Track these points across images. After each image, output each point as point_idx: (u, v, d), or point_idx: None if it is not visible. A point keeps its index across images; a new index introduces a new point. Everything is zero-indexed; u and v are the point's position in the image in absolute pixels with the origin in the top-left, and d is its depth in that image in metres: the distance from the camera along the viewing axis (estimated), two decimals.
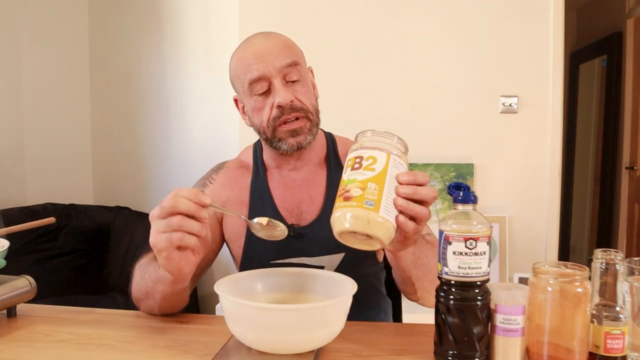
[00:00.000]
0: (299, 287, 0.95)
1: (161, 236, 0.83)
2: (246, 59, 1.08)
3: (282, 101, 1.06)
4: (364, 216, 0.75)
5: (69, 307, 1.10)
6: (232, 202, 1.18)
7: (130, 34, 3.18)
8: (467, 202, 0.81)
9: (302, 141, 1.10)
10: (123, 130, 3.29)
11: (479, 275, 0.79)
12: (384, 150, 0.80)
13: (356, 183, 0.77)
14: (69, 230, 2.85)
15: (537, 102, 2.50)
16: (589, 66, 4.41)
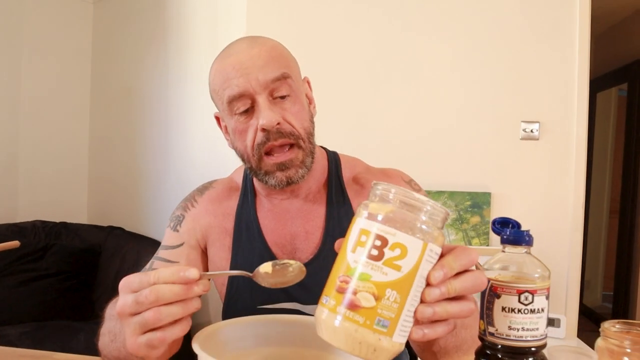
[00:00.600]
0: (301, 340, 0.77)
1: (139, 341, 0.63)
2: (225, 71, 0.89)
3: (266, 123, 0.86)
4: (371, 343, 0.54)
5: (26, 351, 0.92)
6: (215, 229, 1.00)
7: (134, 46, 3.08)
8: (520, 242, 0.64)
9: (292, 175, 0.91)
10: (122, 146, 3.17)
11: (535, 339, 0.62)
12: (420, 238, 0.54)
13: (369, 285, 0.53)
14: (57, 250, 2.70)
15: (560, 129, 2.34)
16: (606, 95, 4.28)
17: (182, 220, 1.01)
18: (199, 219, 1.00)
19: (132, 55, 3.09)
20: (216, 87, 0.92)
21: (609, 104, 4.31)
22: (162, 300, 0.62)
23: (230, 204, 1.02)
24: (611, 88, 4.18)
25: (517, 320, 0.61)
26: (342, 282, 0.55)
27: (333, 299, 0.55)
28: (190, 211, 1.02)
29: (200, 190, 1.06)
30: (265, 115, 0.86)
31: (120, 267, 2.68)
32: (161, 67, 2.91)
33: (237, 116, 0.90)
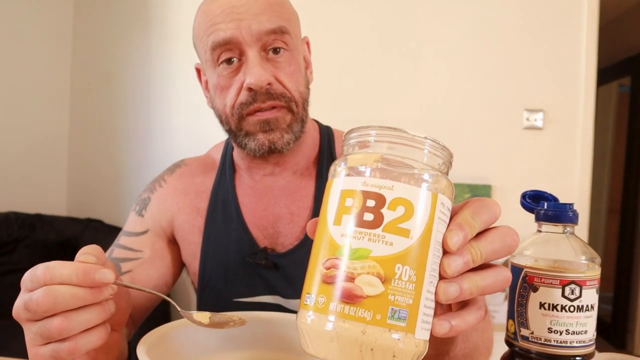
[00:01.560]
0: (279, 342, 0.62)
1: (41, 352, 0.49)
2: (212, 13, 0.74)
3: (254, 82, 0.72)
4: (388, 347, 0.37)
5: None
6: (185, 210, 0.86)
7: (116, 31, 2.99)
8: (562, 220, 0.49)
9: (276, 140, 0.76)
10: (103, 135, 3.08)
11: (582, 345, 0.47)
12: (426, 188, 0.39)
13: (371, 264, 0.37)
14: (30, 243, 2.56)
15: (565, 119, 2.23)
16: (606, 90, 4.18)
17: (147, 204, 0.87)
18: (165, 201, 0.87)
19: (114, 41, 2.98)
20: (200, 33, 0.77)
21: (608, 100, 4.21)
22: (59, 307, 0.47)
23: (206, 180, 0.88)
24: (612, 82, 4.07)
25: (561, 320, 0.46)
26: (328, 269, 0.38)
27: (320, 295, 0.37)
28: (157, 192, 0.88)
29: (170, 169, 0.93)
30: (255, 73, 0.72)
31: None
32: (144, 53, 2.81)
33: (220, 68, 0.75)
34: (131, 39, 2.88)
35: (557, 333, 0.47)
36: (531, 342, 0.48)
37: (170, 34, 2.67)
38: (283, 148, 0.77)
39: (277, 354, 0.62)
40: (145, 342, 0.52)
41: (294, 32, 0.78)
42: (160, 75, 2.72)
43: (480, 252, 0.41)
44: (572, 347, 0.47)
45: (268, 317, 0.63)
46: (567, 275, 0.46)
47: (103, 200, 3.03)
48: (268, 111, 0.75)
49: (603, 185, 4.22)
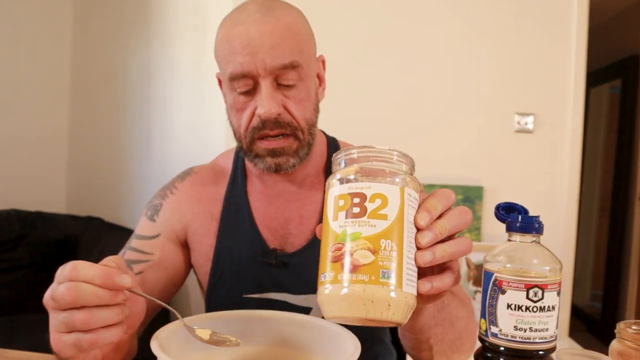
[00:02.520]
0: (279, 337, 0.68)
1: (65, 340, 0.56)
2: (231, 41, 0.80)
3: (264, 113, 0.80)
4: (383, 298, 0.49)
5: None
6: (199, 216, 0.92)
7: (116, 31, 3.01)
8: (528, 230, 0.56)
9: (283, 163, 0.84)
10: (102, 133, 3.11)
11: (544, 340, 0.54)
12: (394, 183, 0.53)
13: (363, 242, 0.50)
14: (32, 241, 2.61)
15: (555, 122, 2.29)
16: (599, 91, 4.23)
17: (159, 209, 0.93)
18: (179, 207, 0.92)
19: (114, 40, 3.01)
20: (220, 54, 0.84)
21: (600, 101, 4.27)
22: (82, 302, 0.54)
23: (218, 188, 0.94)
24: (604, 84, 4.13)
25: (525, 319, 0.53)
26: (335, 251, 0.51)
27: (332, 271, 0.51)
28: (168, 199, 0.94)
29: (180, 177, 0.98)
30: (265, 104, 0.79)
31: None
32: (143, 52, 2.83)
33: (236, 93, 0.82)
34: (131, 39, 2.90)
35: (522, 330, 0.53)
36: (500, 339, 0.54)
37: (169, 35, 2.70)
38: (289, 169, 0.84)
39: (275, 349, 0.68)
40: (157, 337, 0.58)
41: (307, 60, 0.84)
42: (159, 75, 2.74)
43: (445, 226, 0.53)
44: (535, 343, 0.53)
45: (268, 315, 0.69)
46: (531, 280, 0.53)
47: (102, 199, 3.06)
48: (275, 140, 0.82)
49: (595, 184, 4.28)
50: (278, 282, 0.86)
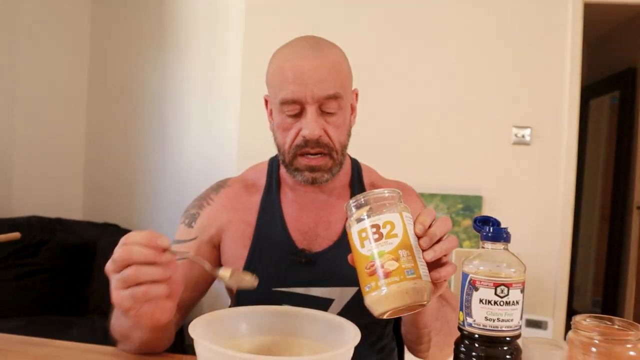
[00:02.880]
0: (291, 330, 0.80)
1: (122, 294, 0.71)
2: (285, 72, 0.95)
3: (309, 135, 0.95)
4: (412, 288, 0.69)
5: (25, 338, 0.96)
6: (235, 223, 1.05)
7: (132, 43, 3.12)
8: (498, 239, 0.68)
9: (318, 178, 0.99)
10: (118, 144, 3.20)
11: (509, 329, 0.66)
12: (394, 211, 0.72)
13: (387, 256, 0.69)
14: (52, 246, 2.72)
15: (551, 135, 2.40)
16: (599, 102, 4.32)
17: (196, 218, 1.06)
18: (216, 216, 1.05)
19: (130, 52, 3.12)
20: (273, 82, 0.98)
21: (602, 111, 4.35)
22: (133, 260, 0.70)
23: (252, 199, 1.07)
24: (604, 95, 4.22)
25: (494, 311, 0.65)
26: (369, 268, 0.70)
27: (372, 282, 0.69)
28: (205, 209, 1.06)
29: (214, 189, 1.11)
30: (310, 127, 0.94)
31: None
32: (159, 64, 2.94)
33: (284, 115, 0.97)
34: (146, 52, 3.01)
35: (491, 321, 0.65)
36: (474, 327, 0.66)
37: (183, 47, 2.81)
38: (322, 183, 1.00)
39: (288, 339, 0.80)
40: (194, 324, 0.70)
41: (346, 92, 0.99)
42: (173, 86, 2.85)
43: (435, 232, 0.72)
44: (502, 331, 0.65)
45: (283, 310, 0.82)
46: (499, 280, 0.65)
47: (118, 206, 3.17)
48: (315, 158, 0.97)
49: (596, 193, 4.36)
50: (305, 277, 0.99)
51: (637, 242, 3.51)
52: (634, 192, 3.53)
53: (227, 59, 2.55)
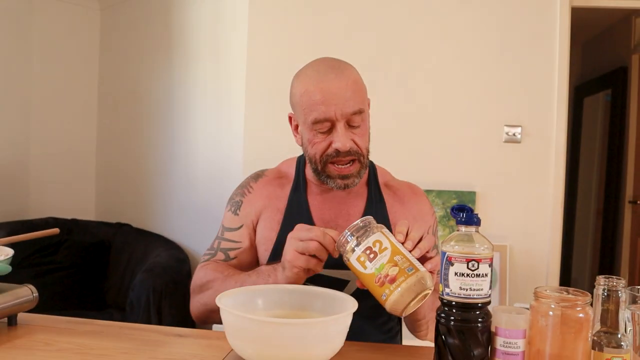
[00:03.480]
0: (300, 305, 0.95)
1: (300, 257, 0.96)
2: (313, 95, 1.08)
3: (342, 147, 1.09)
4: (416, 280, 0.86)
5: (69, 318, 1.10)
6: (269, 210, 1.21)
7: (139, 51, 3.24)
8: (470, 223, 0.82)
9: (350, 184, 1.14)
10: (127, 147, 3.32)
11: (480, 297, 0.80)
12: (376, 232, 0.91)
13: (387, 266, 0.87)
14: (70, 245, 2.86)
15: (541, 133, 2.52)
16: (594, 100, 4.44)
17: (240, 205, 1.23)
18: (254, 203, 1.22)
19: (138, 60, 3.24)
20: (301, 104, 1.11)
21: (596, 109, 4.47)
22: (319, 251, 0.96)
23: (283, 189, 1.24)
24: (598, 93, 4.34)
25: (466, 283, 0.79)
26: (378, 282, 0.88)
27: (385, 290, 0.87)
28: (247, 197, 1.24)
29: (253, 177, 1.28)
30: (341, 141, 1.09)
31: (129, 261, 2.85)
32: (166, 71, 3.06)
33: (315, 132, 1.11)
34: (154, 59, 3.13)
35: (465, 290, 0.79)
36: (451, 296, 0.80)
37: (189, 54, 2.93)
38: (352, 186, 1.16)
39: (297, 312, 0.95)
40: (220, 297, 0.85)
41: (366, 106, 1.14)
42: (180, 92, 2.97)
43: (414, 236, 0.92)
44: (474, 299, 0.79)
45: (292, 288, 0.96)
46: (470, 256, 0.79)
47: (129, 206, 3.29)
48: (346, 167, 1.12)
49: (591, 188, 4.48)
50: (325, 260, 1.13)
51: (629, 235, 3.63)
52: (626, 187, 3.66)
53: (232, 65, 2.68)
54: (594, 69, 4.35)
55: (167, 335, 1.02)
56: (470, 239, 0.81)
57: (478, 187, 2.52)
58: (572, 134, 4.51)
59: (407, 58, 2.55)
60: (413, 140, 2.53)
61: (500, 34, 2.52)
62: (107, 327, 1.06)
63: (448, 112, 2.54)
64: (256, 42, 2.57)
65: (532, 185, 2.52)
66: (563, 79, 2.52)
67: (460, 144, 2.53)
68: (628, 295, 0.84)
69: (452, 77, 2.54)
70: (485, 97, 2.54)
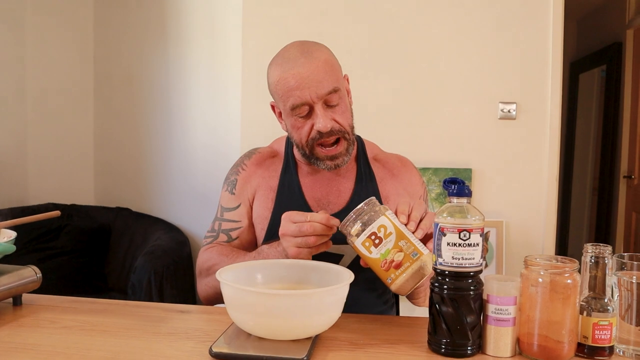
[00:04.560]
0: (297, 278, 0.97)
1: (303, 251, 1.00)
2: (287, 81, 1.10)
3: (322, 128, 1.11)
4: (421, 266, 0.90)
5: (73, 297, 1.13)
6: (262, 187, 1.23)
7: (135, 35, 3.22)
8: (462, 195, 0.84)
9: (340, 164, 1.16)
10: (125, 131, 3.32)
11: (472, 266, 0.82)
12: (381, 215, 0.92)
13: (392, 251, 0.90)
14: (70, 230, 2.89)
15: (536, 109, 2.53)
16: (589, 76, 4.45)
17: (235, 184, 1.26)
18: (249, 180, 1.25)
19: (133, 44, 3.23)
20: (278, 92, 1.13)
21: (591, 85, 4.47)
22: (315, 232, 0.97)
23: (275, 167, 1.26)
24: (594, 69, 4.34)
25: (459, 252, 0.82)
26: (384, 266, 0.91)
27: (391, 274, 0.90)
28: (241, 174, 1.26)
29: (247, 155, 1.30)
30: (321, 122, 1.11)
31: (130, 245, 2.87)
32: (161, 55, 3.06)
33: (296, 117, 1.13)
34: (149, 43, 3.12)
35: (457, 259, 0.82)
36: (444, 266, 0.83)
37: (185, 37, 2.92)
38: (343, 165, 1.18)
39: (294, 285, 0.97)
40: (220, 272, 0.87)
41: (341, 83, 1.15)
42: (177, 75, 2.96)
43: (415, 215, 0.95)
44: (466, 267, 0.82)
45: (289, 262, 0.99)
46: (461, 226, 0.81)
47: (128, 191, 3.29)
48: (333, 148, 1.14)
49: (587, 164, 4.51)
50: None
51: (624, 210, 3.67)
52: (620, 162, 3.69)
53: (227, 48, 2.68)
54: (588, 45, 4.36)
55: (170, 311, 1.05)
56: (462, 210, 0.83)
57: (474, 164, 2.54)
58: (568, 110, 4.53)
59: (402, 36, 2.54)
60: (408, 118, 2.54)
61: (494, 10, 2.52)
62: (110, 305, 1.09)
63: (443, 89, 2.55)
64: (251, 24, 2.56)
65: (527, 162, 2.54)
66: (558, 55, 2.52)
67: (456, 122, 2.54)
68: (615, 262, 0.86)
69: (446, 54, 2.54)
70: (480, 74, 2.54)
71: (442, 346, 0.83)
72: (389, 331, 0.95)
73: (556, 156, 2.54)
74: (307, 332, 0.84)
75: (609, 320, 0.82)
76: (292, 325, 0.82)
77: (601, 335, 0.82)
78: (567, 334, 0.81)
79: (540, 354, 0.82)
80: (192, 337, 0.90)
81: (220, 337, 0.86)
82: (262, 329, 0.83)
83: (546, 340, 0.81)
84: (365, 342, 0.89)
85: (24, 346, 0.86)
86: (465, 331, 0.82)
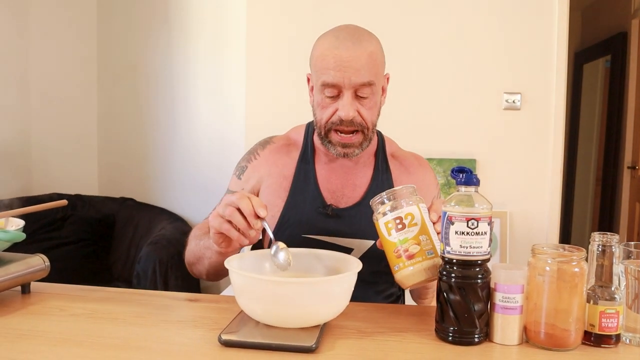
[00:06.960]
0: (305, 267, 0.98)
1: (217, 219, 0.95)
2: (327, 59, 1.09)
3: (344, 116, 1.10)
4: (432, 265, 0.88)
5: (81, 286, 1.14)
6: (274, 176, 1.22)
7: (138, 25, 3.21)
8: (470, 184, 0.84)
9: (350, 153, 1.15)
10: (129, 122, 3.32)
11: (480, 254, 0.82)
12: (412, 204, 0.90)
13: (410, 242, 0.89)
14: (75, 220, 2.90)
15: (540, 100, 2.52)
16: (593, 66, 4.43)
17: (245, 170, 1.26)
18: (259, 168, 1.24)
19: (137, 34, 3.22)
20: (316, 64, 1.13)
21: (596, 75, 4.46)
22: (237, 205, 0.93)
23: (291, 156, 1.25)
24: (598, 59, 4.32)
25: (466, 240, 0.82)
26: (397, 252, 0.89)
27: (399, 263, 0.89)
28: (252, 162, 1.26)
29: (262, 144, 1.29)
30: (346, 109, 1.09)
31: (134, 235, 2.88)
32: (165, 46, 3.05)
33: (323, 95, 1.12)
34: (152, 33, 3.10)
35: (465, 248, 0.82)
36: (452, 254, 0.83)
37: (188, 27, 2.91)
38: (353, 156, 1.16)
39: (303, 274, 0.98)
40: (229, 259, 0.88)
41: (379, 79, 1.13)
42: (180, 64, 2.95)
43: None
44: (474, 256, 0.82)
45: (296, 251, 0.99)
46: (469, 215, 0.81)
47: (132, 181, 3.30)
48: (348, 136, 1.13)
49: (591, 154, 4.51)
50: (331, 228, 1.17)
51: (627, 200, 3.66)
52: (624, 152, 3.68)
53: (231, 39, 2.68)
54: (593, 35, 4.33)
55: (178, 299, 1.05)
56: (470, 199, 0.83)
57: (478, 155, 2.54)
58: (572, 101, 4.51)
59: (406, 26, 2.54)
60: (413, 109, 2.54)
61: (499, 1, 2.51)
62: (118, 294, 1.09)
63: (448, 80, 2.54)
64: (256, 14, 2.56)
65: (531, 152, 2.54)
66: (562, 46, 2.51)
67: (460, 112, 2.54)
68: (622, 251, 0.86)
69: (451, 44, 2.54)
70: (485, 65, 2.53)
71: (450, 334, 0.84)
72: (396, 319, 0.96)
73: (560, 147, 2.54)
74: (315, 320, 0.85)
75: (615, 309, 0.82)
76: (300, 313, 0.82)
77: (608, 323, 0.82)
78: (574, 322, 0.81)
79: (547, 342, 0.82)
80: (201, 325, 0.91)
81: (228, 325, 0.86)
82: (271, 317, 0.83)
83: (553, 329, 0.82)
84: (372, 330, 0.90)
85: (35, 333, 0.87)
86: (472, 319, 0.83)
